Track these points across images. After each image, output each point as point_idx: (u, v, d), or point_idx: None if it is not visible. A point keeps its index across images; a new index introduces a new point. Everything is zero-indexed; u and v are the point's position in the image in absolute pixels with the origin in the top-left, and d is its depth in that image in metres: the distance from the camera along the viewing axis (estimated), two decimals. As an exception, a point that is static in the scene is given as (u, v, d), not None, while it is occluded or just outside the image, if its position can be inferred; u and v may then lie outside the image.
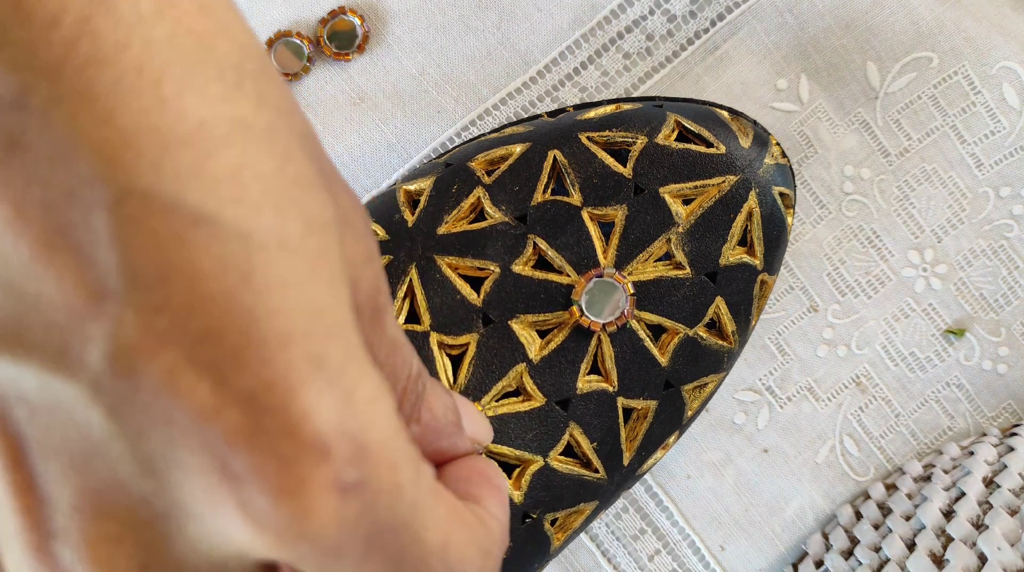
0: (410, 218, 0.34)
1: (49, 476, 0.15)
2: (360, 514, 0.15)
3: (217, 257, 0.14)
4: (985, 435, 0.41)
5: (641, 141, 0.34)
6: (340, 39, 0.40)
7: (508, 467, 0.32)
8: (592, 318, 0.32)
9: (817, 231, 0.41)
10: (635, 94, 0.41)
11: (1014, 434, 0.40)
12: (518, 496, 0.32)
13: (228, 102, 0.15)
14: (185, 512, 0.15)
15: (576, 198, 0.33)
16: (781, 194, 0.35)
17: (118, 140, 0.14)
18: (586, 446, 0.32)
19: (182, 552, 0.15)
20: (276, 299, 0.15)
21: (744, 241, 0.34)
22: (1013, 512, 0.36)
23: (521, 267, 0.33)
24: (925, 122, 0.41)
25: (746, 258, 0.34)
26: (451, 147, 0.39)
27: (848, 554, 0.39)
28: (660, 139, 0.34)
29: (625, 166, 0.33)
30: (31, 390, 0.15)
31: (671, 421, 0.34)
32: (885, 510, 0.39)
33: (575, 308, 0.32)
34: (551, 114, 0.37)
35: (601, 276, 0.32)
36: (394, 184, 0.36)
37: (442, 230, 0.33)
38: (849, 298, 0.41)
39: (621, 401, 0.33)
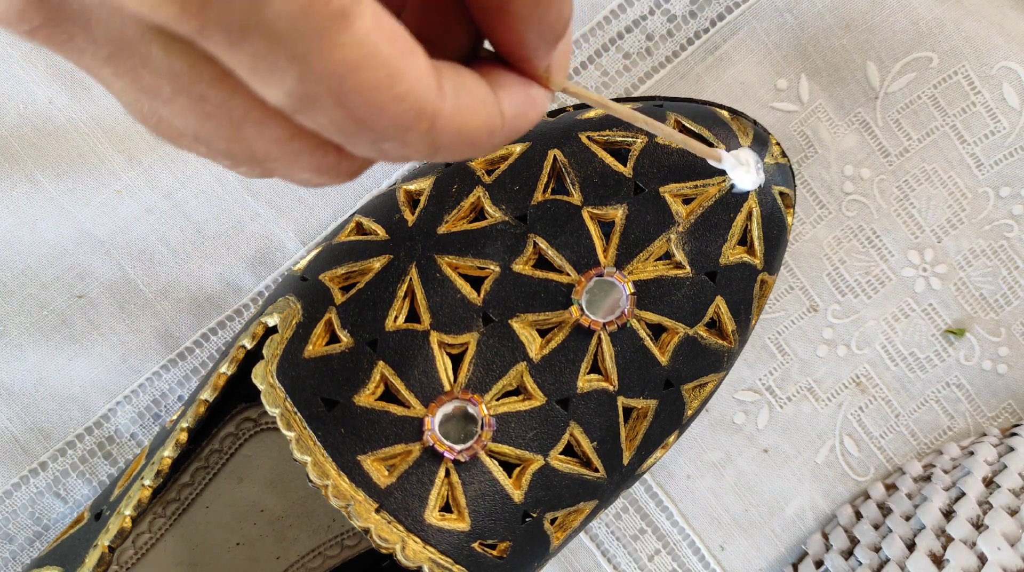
0: (410, 218, 0.34)
1: None
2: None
3: None
4: (985, 435, 0.41)
5: (641, 140, 0.34)
6: None
7: (508, 466, 0.32)
8: (592, 317, 0.32)
9: (817, 231, 0.41)
10: (635, 94, 0.41)
11: (1014, 434, 0.40)
12: (518, 495, 0.32)
13: None
14: None
15: (576, 197, 0.33)
16: (781, 194, 0.35)
17: None
18: (586, 445, 0.32)
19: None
20: None
21: (744, 241, 0.34)
22: (1013, 512, 0.36)
23: (521, 266, 0.33)
24: (925, 122, 0.41)
25: (746, 258, 0.34)
26: (451, 147, 0.39)
27: (848, 554, 0.39)
28: (660, 139, 0.34)
29: (625, 165, 0.33)
30: None
31: (671, 420, 0.34)
32: (885, 510, 0.39)
33: (575, 307, 0.32)
34: (551, 114, 0.37)
35: (601, 275, 0.32)
36: (394, 184, 0.36)
37: (442, 230, 0.33)
38: (849, 298, 0.41)
39: (621, 400, 0.33)
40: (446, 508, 0.31)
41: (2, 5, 0.17)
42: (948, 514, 0.37)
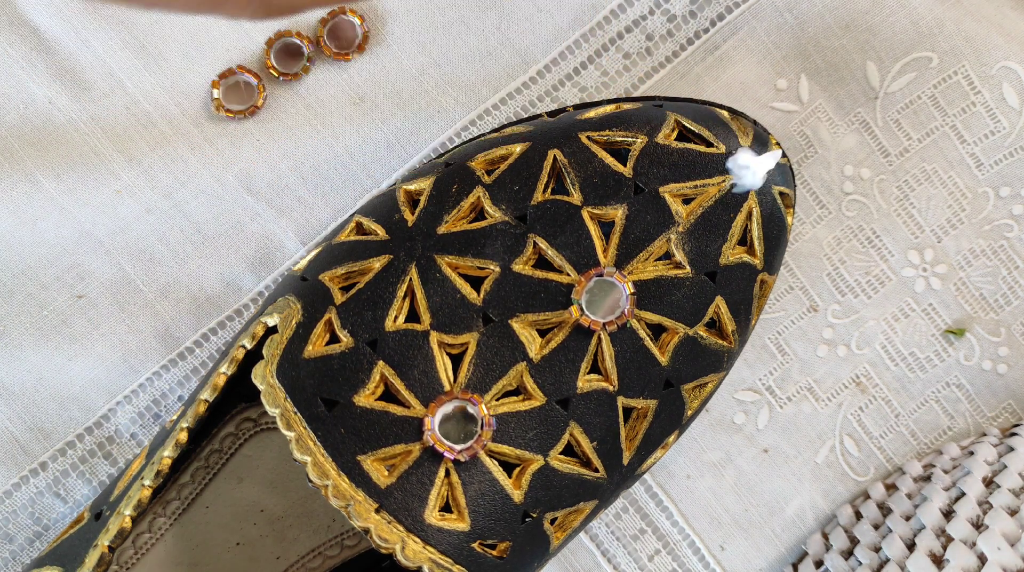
0: (410, 218, 0.34)
1: None
2: None
3: None
4: (985, 435, 0.41)
5: (641, 140, 0.34)
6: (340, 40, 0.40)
7: (508, 466, 0.32)
8: (592, 317, 0.32)
9: (817, 231, 0.41)
10: (635, 94, 0.41)
11: (1014, 434, 0.40)
12: (518, 495, 0.32)
13: None
14: None
15: (576, 197, 0.33)
16: (781, 194, 0.35)
17: None
18: (586, 445, 0.32)
19: None
20: None
21: (744, 241, 0.34)
22: (1013, 512, 0.36)
23: (521, 266, 0.33)
24: (925, 122, 0.41)
25: (746, 258, 0.34)
26: (451, 147, 0.39)
27: (848, 554, 0.39)
28: (660, 139, 0.34)
29: (625, 165, 0.33)
30: None
31: (671, 420, 0.34)
32: (885, 510, 0.39)
33: (575, 307, 0.32)
34: (551, 114, 0.37)
35: (601, 275, 0.32)
36: (394, 184, 0.36)
37: (442, 230, 0.33)
38: (849, 298, 0.41)
39: (621, 400, 0.33)
40: (446, 508, 0.31)
41: None
42: (948, 514, 0.37)
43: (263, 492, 0.38)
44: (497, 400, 0.32)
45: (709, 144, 0.34)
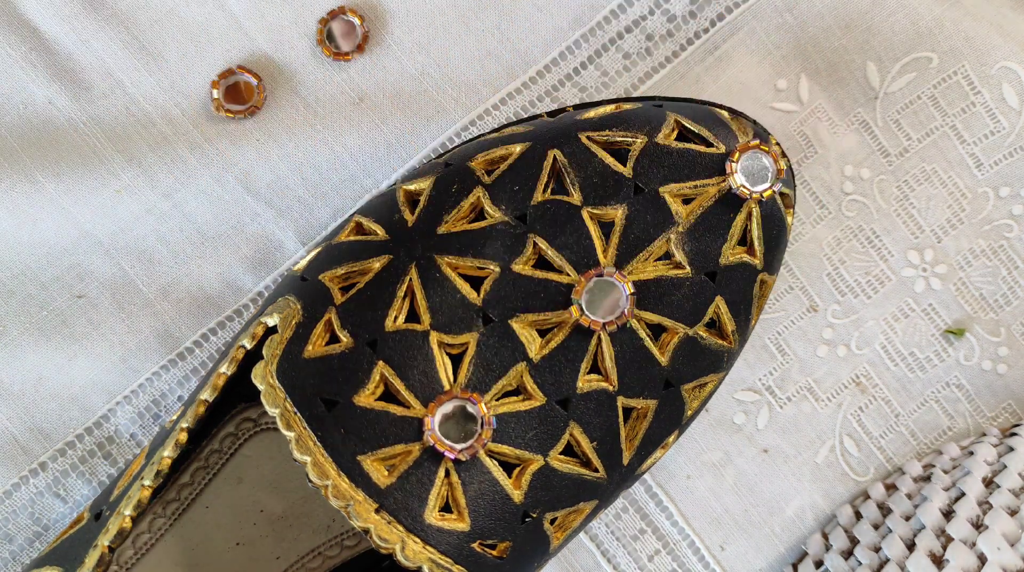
0: (410, 218, 0.34)
1: None
2: None
3: None
4: (985, 435, 0.41)
5: (641, 141, 0.34)
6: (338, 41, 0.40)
7: (508, 466, 0.32)
8: (592, 317, 0.32)
9: (817, 231, 0.41)
10: (635, 94, 0.41)
11: (1014, 434, 0.40)
12: (518, 495, 0.32)
13: None
14: None
15: (576, 197, 0.33)
16: (781, 194, 0.35)
17: None
18: (586, 445, 0.32)
19: None
20: None
21: (744, 241, 0.34)
22: (1013, 512, 0.36)
23: (521, 266, 0.33)
24: (925, 122, 0.41)
25: (746, 258, 0.34)
26: (451, 147, 0.39)
27: (848, 554, 0.39)
28: (660, 139, 0.34)
29: (625, 165, 0.33)
30: None
31: (671, 421, 0.34)
32: (885, 510, 0.39)
33: (575, 307, 0.32)
34: (551, 114, 0.37)
35: (601, 275, 0.32)
36: (394, 184, 0.36)
37: (442, 230, 0.33)
38: (849, 298, 0.42)
39: (621, 400, 0.33)
40: (446, 508, 0.31)
41: None
42: (948, 514, 0.37)
43: (263, 492, 0.38)
44: (497, 400, 0.32)
45: (709, 144, 0.34)
